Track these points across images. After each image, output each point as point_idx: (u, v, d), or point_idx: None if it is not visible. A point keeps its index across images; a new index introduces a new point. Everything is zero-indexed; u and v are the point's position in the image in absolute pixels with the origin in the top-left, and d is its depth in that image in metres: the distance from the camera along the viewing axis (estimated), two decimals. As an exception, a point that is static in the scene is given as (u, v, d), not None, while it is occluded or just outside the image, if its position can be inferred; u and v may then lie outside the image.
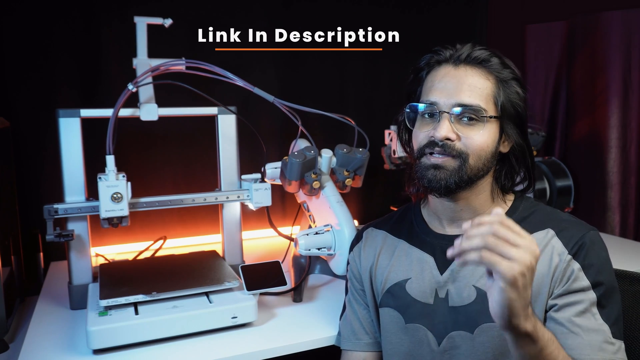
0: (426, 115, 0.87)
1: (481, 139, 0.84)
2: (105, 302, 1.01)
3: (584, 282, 0.80)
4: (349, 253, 1.05)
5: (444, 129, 0.83)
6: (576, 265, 0.81)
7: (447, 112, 0.83)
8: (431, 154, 0.85)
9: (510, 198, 0.93)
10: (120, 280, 1.10)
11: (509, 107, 0.85)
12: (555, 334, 0.79)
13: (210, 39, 1.71)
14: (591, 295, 0.80)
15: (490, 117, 0.84)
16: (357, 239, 1.05)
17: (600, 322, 0.79)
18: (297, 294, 1.24)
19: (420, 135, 0.87)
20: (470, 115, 0.83)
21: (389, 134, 1.69)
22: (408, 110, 0.89)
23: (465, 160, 0.83)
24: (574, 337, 0.78)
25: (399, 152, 1.62)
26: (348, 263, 1.05)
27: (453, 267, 0.88)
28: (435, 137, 0.83)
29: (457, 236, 0.88)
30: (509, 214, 0.90)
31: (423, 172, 0.86)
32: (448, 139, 0.83)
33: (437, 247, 0.91)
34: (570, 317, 0.79)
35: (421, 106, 0.87)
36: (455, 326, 0.86)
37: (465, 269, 0.87)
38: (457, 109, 0.83)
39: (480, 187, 0.88)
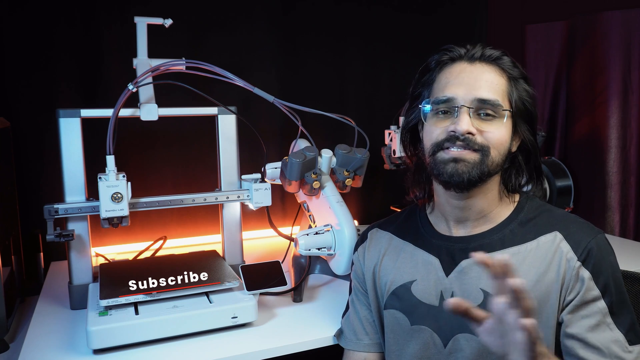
0: (440, 113, 0.86)
1: (500, 133, 0.83)
2: (105, 302, 1.01)
3: (595, 291, 0.80)
4: (353, 253, 1.05)
5: (465, 123, 0.81)
6: (586, 274, 0.80)
7: (467, 107, 0.82)
8: (449, 148, 0.83)
9: (516, 198, 0.92)
10: (120, 280, 1.10)
11: (521, 105, 0.86)
12: (574, 349, 0.79)
13: (210, 39, 1.72)
14: (602, 305, 0.80)
15: (509, 110, 0.84)
16: (362, 239, 1.05)
17: (616, 332, 0.79)
18: (297, 294, 1.24)
19: (437, 131, 0.85)
20: (488, 110, 0.83)
21: (389, 134, 1.69)
22: (423, 106, 0.88)
23: (487, 153, 0.82)
24: (591, 353, 0.78)
25: (399, 152, 1.62)
26: (352, 263, 1.05)
27: (459, 269, 0.87)
28: (457, 130, 0.81)
29: (462, 238, 0.90)
30: (515, 213, 0.90)
31: (441, 167, 0.84)
32: (470, 133, 0.82)
33: (443, 248, 0.91)
34: (586, 331, 0.79)
35: (438, 101, 0.85)
36: (460, 328, 0.85)
37: (471, 271, 0.86)
38: (477, 104, 0.83)
39: (489, 185, 0.88)
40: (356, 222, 1.95)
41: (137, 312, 1.02)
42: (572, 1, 2.04)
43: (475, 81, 0.84)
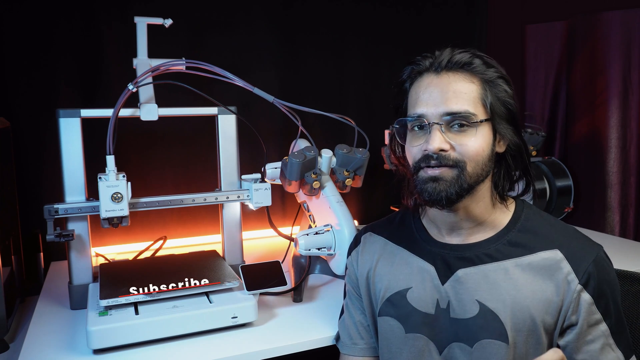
0: (416, 128, 0.85)
1: (475, 144, 0.81)
2: (105, 302, 1.01)
3: (597, 315, 0.80)
4: (347, 257, 1.05)
5: (437, 141, 0.80)
6: (588, 298, 0.80)
7: (437, 123, 0.81)
8: (427, 167, 0.83)
9: (511, 204, 0.90)
10: (120, 280, 1.10)
11: (499, 107, 0.83)
12: None
13: (210, 39, 1.72)
14: (604, 327, 0.80)
15: (481, 120, 0.81)
16: (355, 243, 1.04)
17: (618, 352, 0.80)
18: (297, 294, 1.24)
19: (414, 150, 0.85)
20: (460, 122, 0.81)
21: (389, 134, 1.69)
22: (397, 125, 0.88)
23: (463, 168, 0.81)
24: None
25: (399, 152, 1.62)
26: (346, 267, 1.05)
27: (455, 278, 0.86)
28: (429, 150, 0.81)
29: (458, 246, 0.89)
30: (512, 222, 0.88)
31: (422, 186, 0.84)
32: (442, 150, 0.81)
33: (438, 256, 0.89)
34: (594, 356, 0.80)
35: (410, 120, 0.85)
36: (455, 337, 0.85)
37: (467, 281, 0.85)
38: (447, 118, 0.81)
39: (480, 194, 0.86)
40: (356, 222, 1.95)
41: (137, 312, 1.02)
42: (572, 1, 2.04)
43: (442, 94, 0.81)
